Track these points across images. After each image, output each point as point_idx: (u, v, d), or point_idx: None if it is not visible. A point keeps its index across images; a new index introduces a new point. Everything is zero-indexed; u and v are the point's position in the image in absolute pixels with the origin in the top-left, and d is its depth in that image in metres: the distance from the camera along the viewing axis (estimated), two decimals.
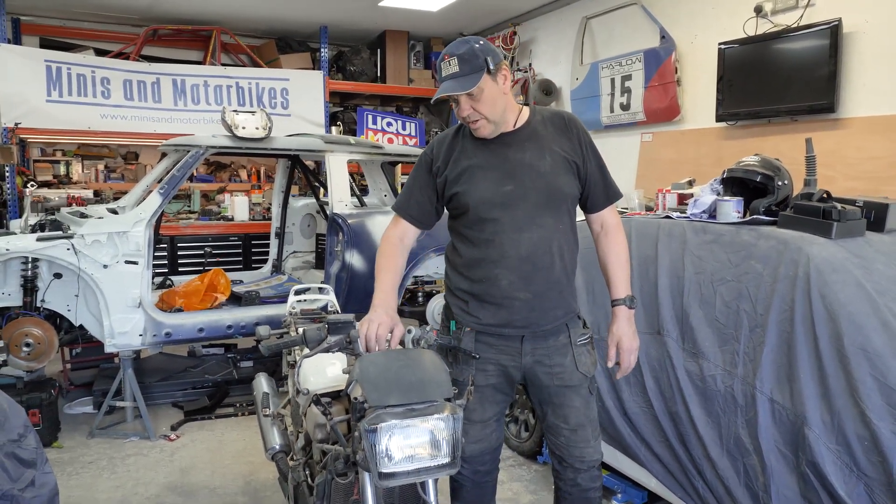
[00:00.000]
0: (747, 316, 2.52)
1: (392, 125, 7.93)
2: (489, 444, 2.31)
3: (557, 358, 2.22)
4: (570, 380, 2.22)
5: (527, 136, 2.19)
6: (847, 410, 2.16)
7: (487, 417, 2.29)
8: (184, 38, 7.46)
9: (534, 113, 2.24)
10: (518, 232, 2.14)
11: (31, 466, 2.12)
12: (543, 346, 2.21)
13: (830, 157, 3.96)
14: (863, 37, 3.91)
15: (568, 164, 2.17)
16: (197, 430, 4.22)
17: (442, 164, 2.25)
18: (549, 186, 2.14)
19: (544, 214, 2.15)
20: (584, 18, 6.04)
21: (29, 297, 3.89)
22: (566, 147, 2.18)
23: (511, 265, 2.14)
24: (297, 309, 3.17)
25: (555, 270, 2.17)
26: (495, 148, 2.19)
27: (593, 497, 2.31)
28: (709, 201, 2.93)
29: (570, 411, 2.23)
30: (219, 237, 6.54)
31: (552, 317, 2.19)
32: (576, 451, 2.25)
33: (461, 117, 2.14)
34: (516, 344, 2.21)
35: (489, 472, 2.37)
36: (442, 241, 4.89)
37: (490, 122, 2.12)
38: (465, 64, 2.04)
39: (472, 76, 2.03)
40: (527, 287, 2.15)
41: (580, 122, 2.25)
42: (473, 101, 2.08)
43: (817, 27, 4.01)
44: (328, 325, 2.00)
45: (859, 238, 2.53)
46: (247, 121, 4.41)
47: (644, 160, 5.48)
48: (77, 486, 3.48)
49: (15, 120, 6.01)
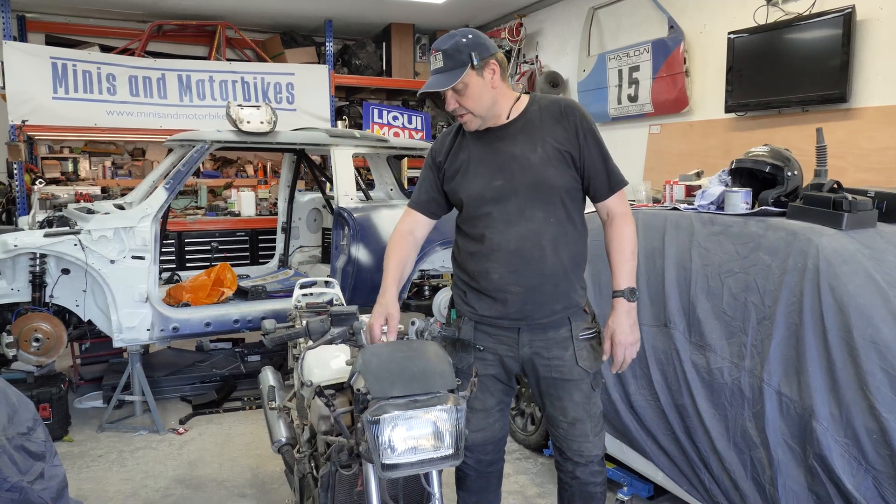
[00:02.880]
0: (755, 308, 2.49)
1: (398, 119, 7.92)
2: (492, 434, 2.30)
3: (557, 351, 2.19)
4: (570, 374, 2.20)
5: (520, 128, 2.16)
6: (856, 403, 2.13)
7: (489, 406, 2.28)
8: (189, 34, 7.48)
9: (532, 102, 2.20)
10: (507, 226, 2.13)
11: (40, 459, 2.14)
12: (542, 337, 2.19)
13: (842, 148, 3.90)
14: (877, 24, 3.83)
15: (561, 154, 2.13)
16: (205, 424, 4.24)
17: (443, 158, 2.27)
18: (538, 179, 2.11)
19: (534, 208, 2.12)
20: (592, 9, 6.00)
21: (38, 293, 3.91)
22: (560, 137, 2.13)
23: (501, 259, 2.14)
24: (303, 303, 3.17)
25: (546, 264, 2.13)
26: (489, 141, 2.18)
27: (594, 492, 2.29)
28: (717, 192, 2.90)
29: (569, 405, 2.22)
30: (225, 232, 6.56)
31: (548, 311, 2.17)
32: (574, 444, 2.24)
33: (448, 111, 2.15)
34: (514, 335, 2.20)
35: (493, 462, 2.37)
36: (448, 234, 4.85)
37: (476, 116, 2.12)
38: (448, 59, 2.04)
39: (455, 71, 2.04)
40: (517, 281, 2.13)
41: (580, 109, 2.18)
42: (458, 96, 2.09)
43: (830, 15, 3.93)
44: (331, 318, 2.00)
45: (870, 229, 2.47)
46: (252, 115, 4.41)
47: (652, 152, 5.44)
48: (87, 479, 3.51)
49: (22, 117, 6.05)
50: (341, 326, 2.00)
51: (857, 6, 3.84)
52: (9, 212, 6.22)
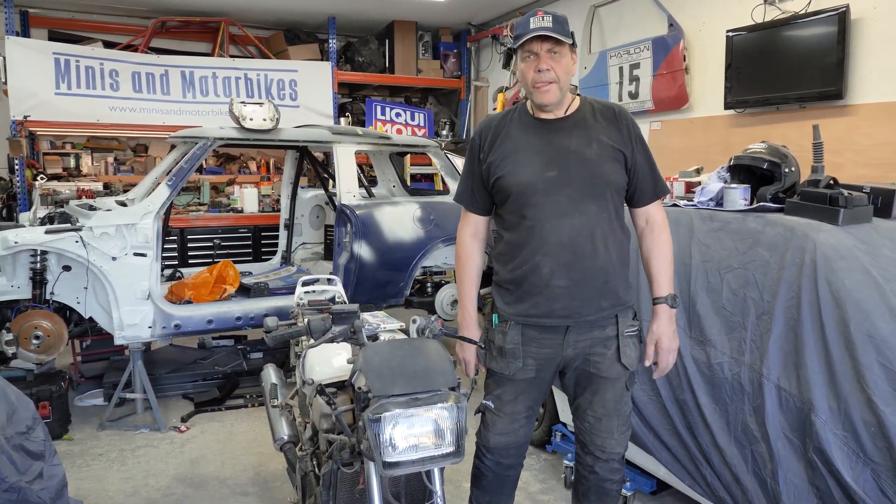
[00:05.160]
0: (754, 303, 2.50)
1: (401, 116, 7.93)
2: (515, 439, 2.29)
3: (599, 349, 2.19)
4: (608, 371, 2.19)
5: (574, 123, 2.17)
6: (853, 396, 2.15)
7: (518, 411, 2.27)
8: (192, 30, 7.48)
9: (584, 102, 2.22)
10: (560, 218, 2.11)
11: (39, 458, 2.13)
12: (588, 337, 2.18)
13: (839, 144, 3.93)
14: (871, 23, 3.87)
15: (615, 153, 2.14)
16: (207, 422, 4.25)
17: (487, 148, 2.24)
18: (594, 173, 2.12)
19: (587, 201, 2.12)
20: (593, 7, 6.00)
21: (38, 290, 3.89)
22: (614, 137, 2.15)
23: (552, 251, 2.11)
24: (305, 300, 3.18)
25: (598, 258, 2.12)
26: (542, 133, 2.17)
27: (610, 489, 2.29)
28: (716, 189, 2.91)
29: (600, 401, 2.22)
30: (228, 229, 6.56)
31: (595, 307, 2.15)
32: (598, 439, 2.24)
33: (534, 73, 2.09)
34: (559, 336, 2.18)
35: (512, 466, 2.36)
36: (450, 231, 4.91)
37: (559, 87, 2.10)
38: (557, 24, 2.06)
39: (563, 35, 2.06)
40: (567, 274, 2.11)
41: (630, 116, 2.23)
42: (554, 60, 2.08)
43: (825, 13, 3.97)
44: (332, 316, 2.01)
45: (866, 224, 2.50)
46: (254, 112, 4.41)
47: (653, 148, 5.33)
48: (87, 477, 3.51)
49: (24, 113, 6.04)
50: (343, 325, 2.01)
51: (851, 5, 3.88)
52: (9, 208, 6.20)
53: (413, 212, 4.74)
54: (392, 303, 4.77)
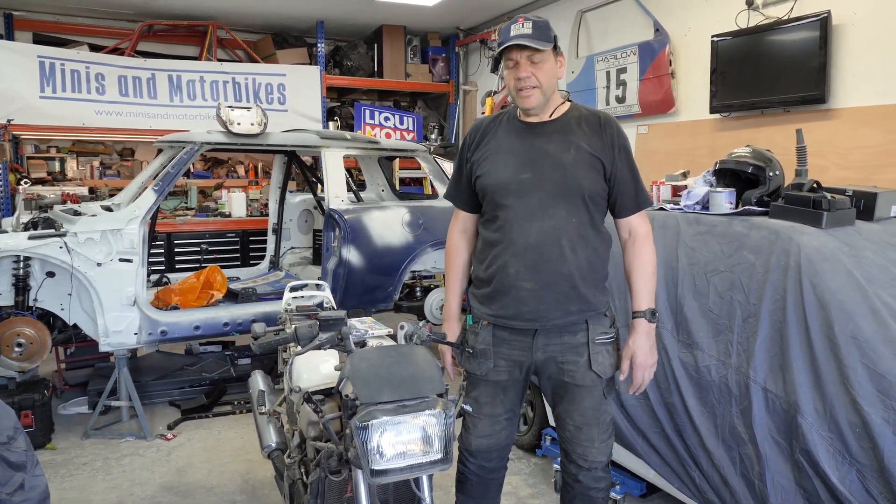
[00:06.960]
0: (740, 306, 2.52)
1: (389, 120, 7.92)
2: (497, 441, 2.29)
3: (570, 356, 2.18)
4: (582, 379, 2.18)
5: (557, 128, 2.18)
6: (838, 398, 2.17)
7: (497, 413, 2.27)
8: (179, 34, 7.43)
9: (572, 108, 2.23)
10: (529, 220, 2.12)
11: (20, 469, 2.09)
12: (557, 342, 2.18)
13: (823, 147, 3.98)
14: (851, 28, 3.93)
15: (593, 160, 2.14)
16: (194, 429, 4.21)
17: (474, 147, 2.28)
18: (566, 177, 2.11)
19: (558, 205, 2.12)
20: (580, 12, 6.03)
21: (21, 297, 3.83)
22: (595, 145, 2.15)
23: (519, 252, 2.12)
24: (293, 305, 3.17)
25: (565, 262, 2.11)
26: (524, 136, 2.19)
27: (596, 497, 2.28)
28: (702, 193, 2.93)
29: (578, 410, 2.21)
30: (216, 233, 6.51)
31: (563, 311, 2.14)
32: (579, 448, 2.23)
33: (515, 80, 2.12)
34: (528, 339, 2.18)
35: (495, 469, 2.35)
36: (439, 235, 4.90)
37: (542, 93, 2.11)
38: (537, 30, 2.06)
39: (542, 42, 2.06)
40: (532, 276, 2.12)
41: (617, 125, 2.22)
42: (534, 67, 2.09)
43: (807, 19, 4.03)
44: (320, 322, 2.00)
45: (849, 227, 2.54)
46: (242, 117, 4.40)
47: (640, 152, 5.47)
48: (71, 487, 3.45)
49: (7, 116, 5.96)
50: (330, 331, 2.00)
51: (832, 11, 3.94)
52: None
53: (402, 216, 4.74)
54: (381, 307, 4.76)
